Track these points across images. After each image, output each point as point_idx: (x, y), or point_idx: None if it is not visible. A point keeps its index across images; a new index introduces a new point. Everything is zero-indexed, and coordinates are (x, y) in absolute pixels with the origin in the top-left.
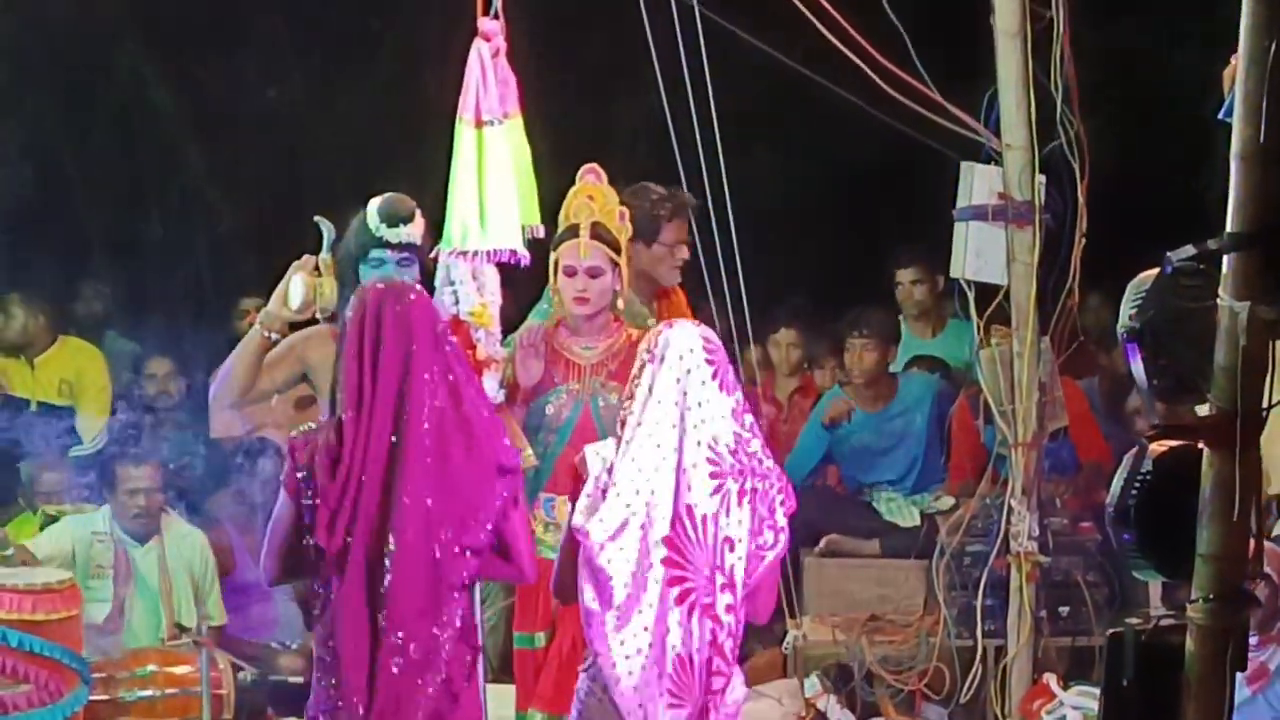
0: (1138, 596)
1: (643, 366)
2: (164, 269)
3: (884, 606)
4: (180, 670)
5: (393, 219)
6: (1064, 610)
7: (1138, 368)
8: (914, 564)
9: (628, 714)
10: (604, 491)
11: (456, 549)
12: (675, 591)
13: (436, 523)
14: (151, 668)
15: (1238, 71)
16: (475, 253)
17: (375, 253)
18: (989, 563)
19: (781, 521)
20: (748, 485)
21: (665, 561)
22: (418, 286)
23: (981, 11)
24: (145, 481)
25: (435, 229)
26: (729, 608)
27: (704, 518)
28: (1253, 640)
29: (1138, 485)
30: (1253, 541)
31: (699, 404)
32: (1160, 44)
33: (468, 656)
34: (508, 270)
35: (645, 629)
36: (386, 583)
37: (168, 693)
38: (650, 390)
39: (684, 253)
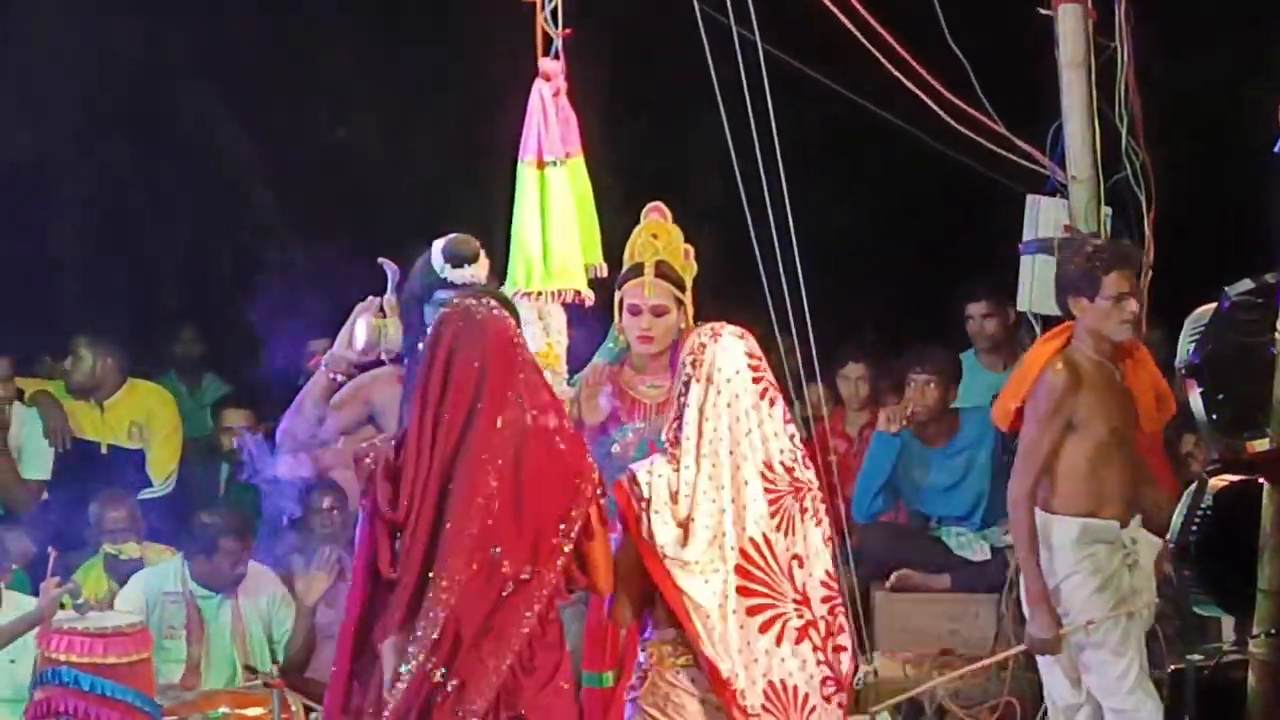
0: (1209, 629)
1: (688, 383)
2: (235, 308)
3: (955, 641)
4: (252, 712)
5: (457, 260)
6: None
7: (1196, 402)
8: (984, 598)
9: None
10: (680, 518)
11: (526, 569)
12: (759, 620)
13: (499, 548)
14: (224, 710)
15: None
16: (540, 294)
17: (440, 294)
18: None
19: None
20: (807, 502)
21: (741, 591)
22: (494, 304)
23: (1046, 44)
24: (220, 523)
25: (501, 270)
26: (809, 623)
27: (765, 539)
28: None
29: (1198, 521)
30: None
31: (751, 428)
32: (1226, 75)
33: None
34: (574, 309)
35: (734, 659)
36: (436, 624)
37: None
38: (701, 413)
39: (1132, 306)
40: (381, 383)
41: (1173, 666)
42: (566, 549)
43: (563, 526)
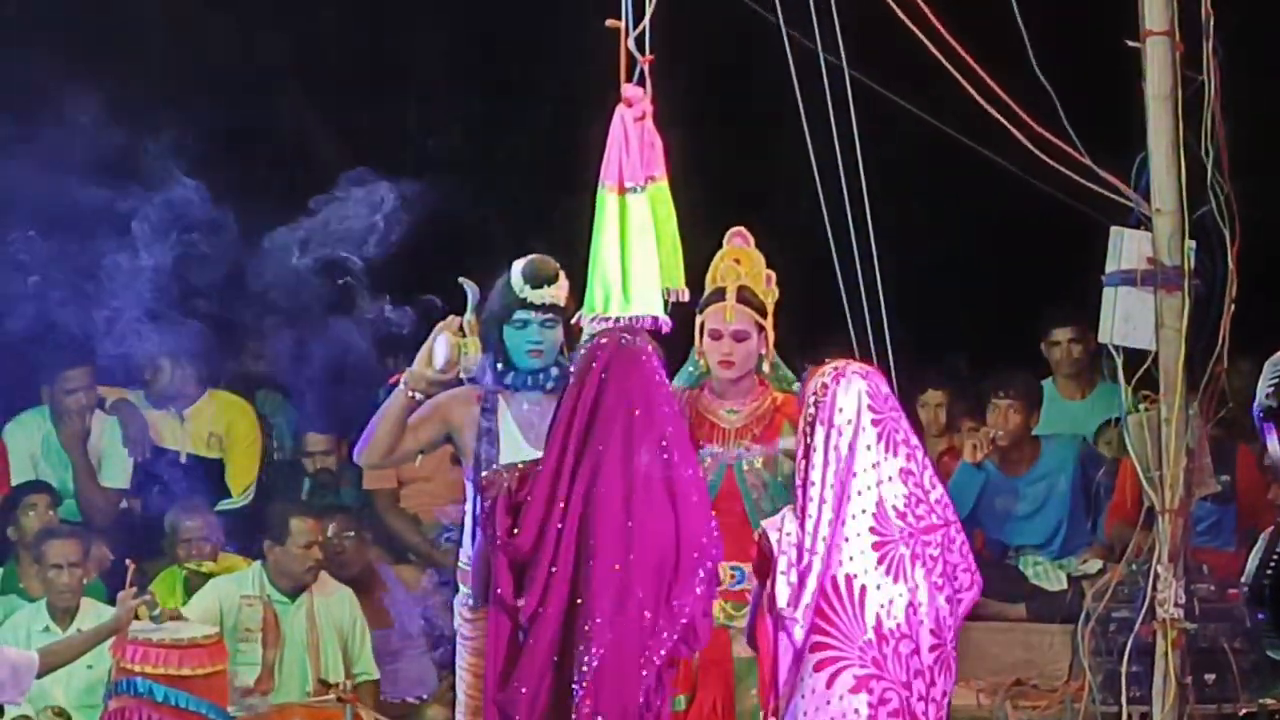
0: None
1: (812, 424)
2: (316, 326)
3: (1029, 671)
4: None
5: (537, 280)
6: (1210, 678)
7: (1274, 445)
8: (1059, 629)
9: None
10: (800, 579)
11: (657, 627)
12: (815, 659)
13: (634, 598)
14: None
15: None
16: (618, 318)
17: (519, 314)
18: (1135, 629)
19: (973, 564)
20: (932, 549)
21: (813, 628)
22: (651, 347)
23: (1132, 75)
24: (306, 529)
25: (580, 293)
26: (874, 677)
27: (862, 589)
28: None
29: (1274, 564)
30: None
31: (863, 470)
32: None
33: None
34: (653, 335)
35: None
36: (589, 663)
37: None
38: (825, 458)
39: None
40: (459, 401)
41: (1245, 711)
42: (683, 606)
43: (687, 586)
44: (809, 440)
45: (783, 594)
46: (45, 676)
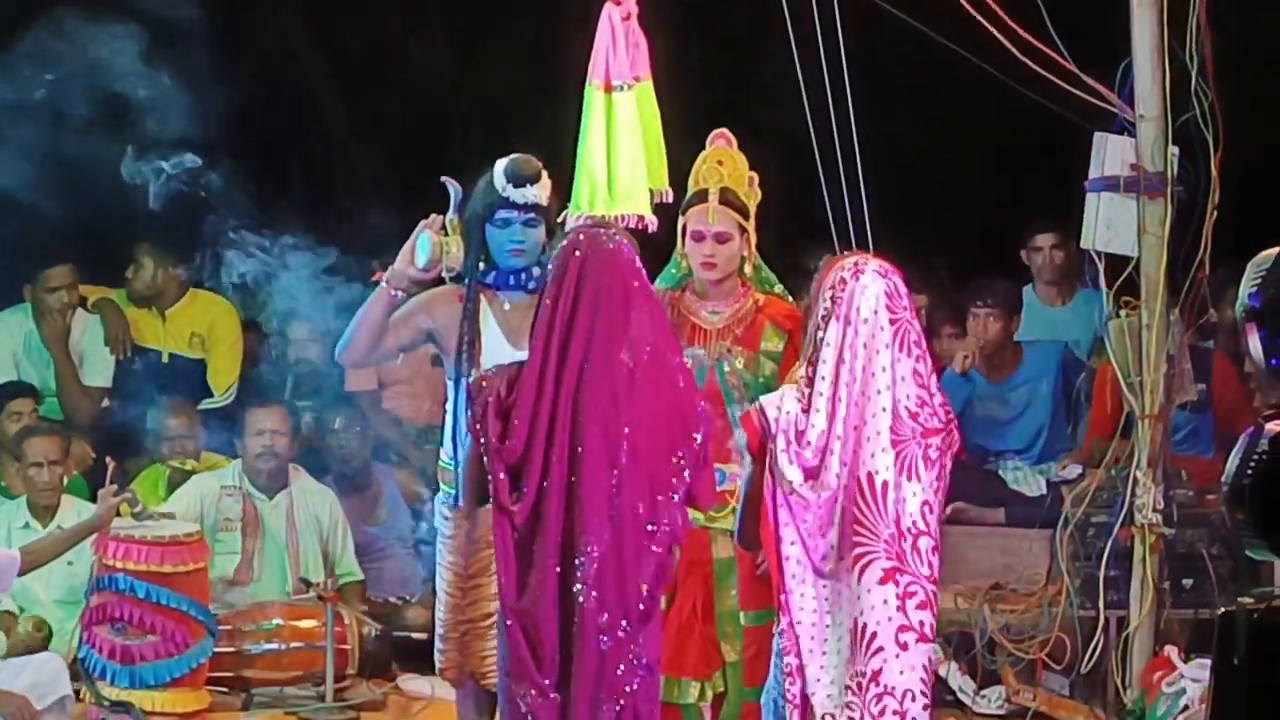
0: (1264, 570)
1: (828, 318)
2: (305, 225)
3: (1007, 575)
4: (305, 624)
5: (519, 179)
6: (1187, 583)
7: (1255, 347)
8: (1038, 533)
9: (804, 660)
10: (801, 449)
11: (650, 520)
12: (852, 554)
13: (628, 492)
14: (277, 621)
15: None
16: (603, 217)
17: (501, 213)
18: (1113, 534)
19: (947, 470)
20: (933, 450)
21: (849, 529)
22: (624, 238)
23: None
24: (273, 424)
25: (566, 192)
26: (897, 569)
27: (884, 485)
28: None
29: (1253, 464)
30: None
31: (883, 369)
32: None
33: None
34: (637, 235)
35: (825, 596)
36: (591, 558)
37: (292, 646)
38: (840, 354)
39: None
40: (441, 300)
41: (1224, 608)
42: (679, 488)
43: (680, 462)
44: (822, 333)
45: (793, 473)
46: (27, 574)
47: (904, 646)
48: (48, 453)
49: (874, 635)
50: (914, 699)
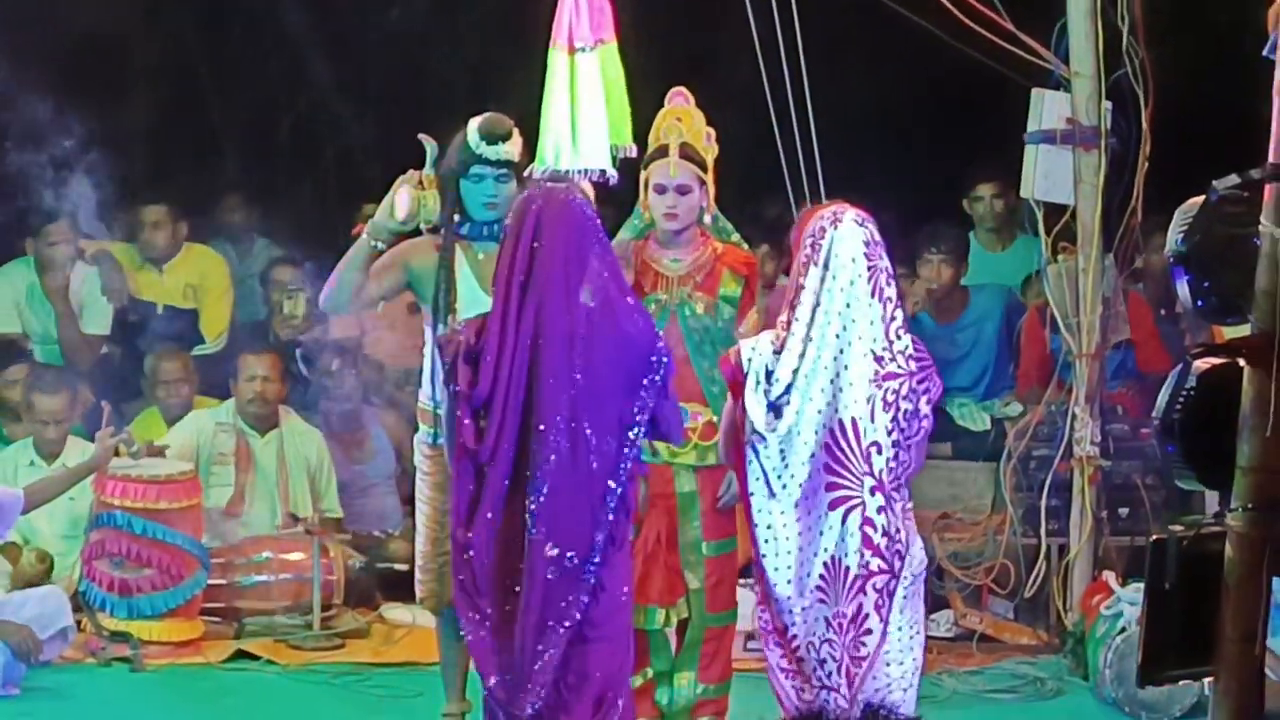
0: (1191, 502)
1: (806, 264)
2: (292, 179)
3: (954, 506)
4: (294, 557)
5: (491, 137)
6: (1123, 512)
7: (1183, 290)
8: (983, 466)
9: (772, 589)
10: (769, 386)
11: (604, 450)
12: (830, 498)
13: (580, 427)
14: (267, 554)
15: None
16: (567, 171)
17: (475, 168)
18: (1054, 466)
19: (925, 409)
20: (889, 393)
21: (825, 469)
22: (577, 191)
23: None
24: (264, 369)
25: (534, 148)
26: (880, 509)
27: (854, 422)
28: None
29: (1182, 400)
30: None
31: (857, 317)
32: None
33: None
34: (600, 188)
35: (789, 530)
36: (541, 494)
37: (281, 578)
38: (817, 299)
39: None
40: (419, 250)
41: (1155, 536)
42: (641, 419)
43: (640, 397)
44: (801, 280)
45: (757, 415)
46: (31, 511)
47: (861, 586)
48: (55, 413)
49: (851, 574)
50: (867, 630)
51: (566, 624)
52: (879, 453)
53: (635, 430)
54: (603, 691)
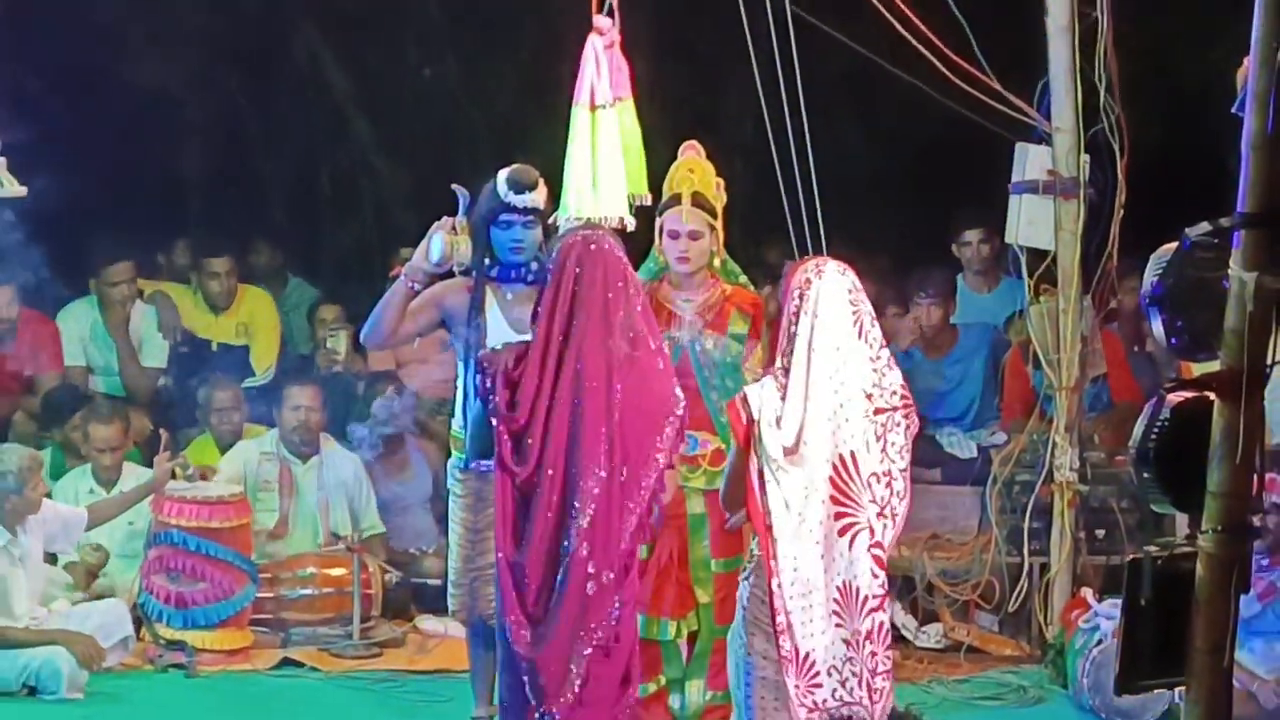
0: (1167, 522)
1: (798, 314)
2: (334, 225)
3: (943, 527)
4: (335, 572)
5: (519, 187)
6: (1100, 533)
7: (1158, 329)
8: (970, 490)
9: (791, 618)
10: (779, 431)
11: (634, 484)
12: (839, 525)
13: (617, 460)
14: (311, 570)
15: (1249, 72)
16: (590, 219)
17: (504, 215)
18: (1035, 490)
19: (906, 443)
20: (879, 427)
21: (831, 499)
22: (611, 238)
23: (1035, 9)
24: (307, 400)
25: (558, 197)
26: (885, 530)
27: (852, 454)
28: (1265, 562)
29: (1156, 430)
30: (1255, 481)
31: (848, 360)
32: (1193, 41)
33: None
34: (618, 233)
35: (811, 560)
36: (586, 516)
37: (324, 591)
38: (810, 345)
39: None
40: (452, 291)
41: (1131, 556)
42: (664, 455)
43: (664, 434)
44: (794, 328)
45: (775, 450)
46: (92, 530)
47: (880, 604)
48: (110, 440)
49: (864, 598)
50: (887, 645)
51: (599, 634)
52: (878, 481)
53: (659, 464)
54: (613, 698)
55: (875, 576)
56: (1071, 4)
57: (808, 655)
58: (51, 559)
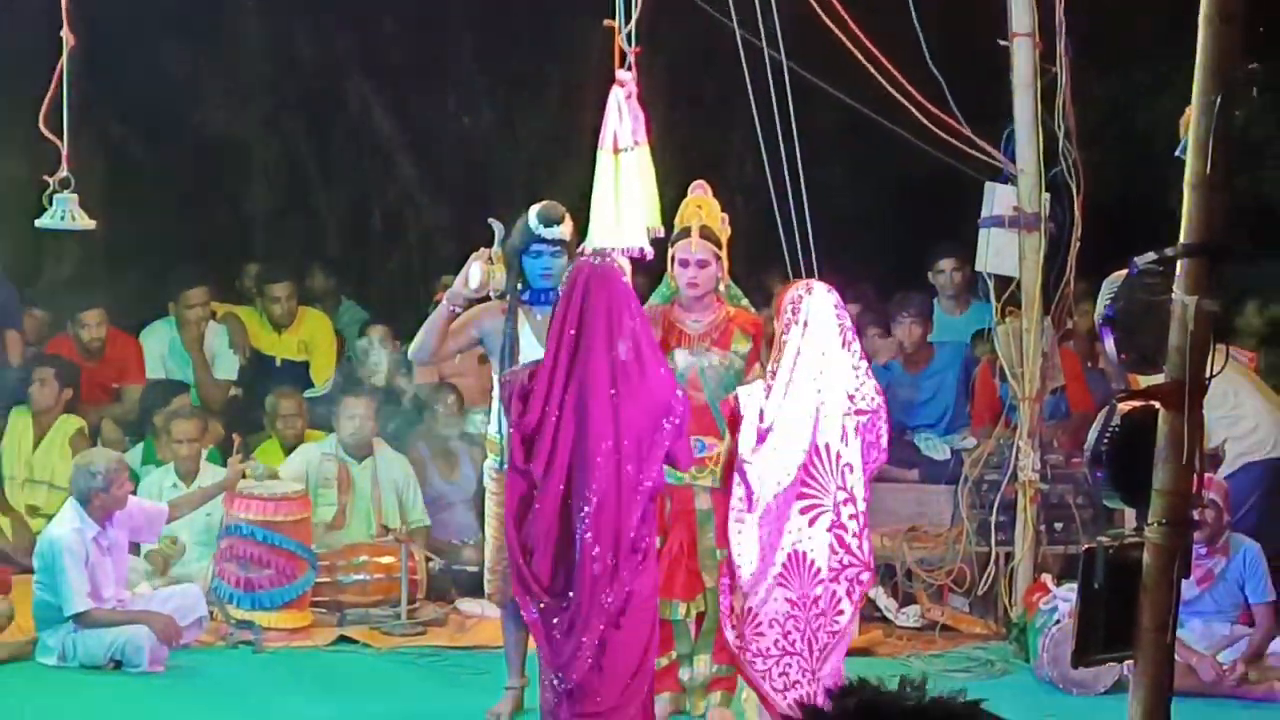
0: (1117, 516)
1: (789, 325)
2: (382, 255)
3: (920, 520)
4: (385, 560)
5: (548, 220)
6: (1058, 526)
7: (1110, 346)
8: (944, 488)
9: (744, 583)
10: (759, 423)
11: (638, 477)
12: (800, 505)
13: (621, 456)
14: (364, 558)
15: (1191, 120)
16: (612, 248)
17: (534, 246)
18: (1001, 489)
19: (884, 443)
20: (857, 425)
21: (799, 483)
22: (615, 264)
23: (1002, 67)
24: (361, 410)
25: (583, 229)
26: (852, 516)
27: (826, 447)
28: (1203, 551)
29: (1109, 435)
30: (1195, 480)
31: (832, 364)
32: (1142, 94)
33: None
34: (636, 262)
35: (768, 530)
36: (591, 505)
37: (375, 577)
38: (798, 351)
39: None
40: (488, 314)
41: (1086, 546)
42: (663, 451)
43: (663, 432)
44: (785, 337)
45: (746, 446)
46: (172, 522)
47: (835, 576)
48: (188, 433)
49: (817, 569)
50: (838, 609)
51: (605, 611)
52: (850, 472)
53: (659, 458)
54: (631, 668)
55: (835, 553)
56: (1034, 61)
57: (751, 610)
58: (135, 549)
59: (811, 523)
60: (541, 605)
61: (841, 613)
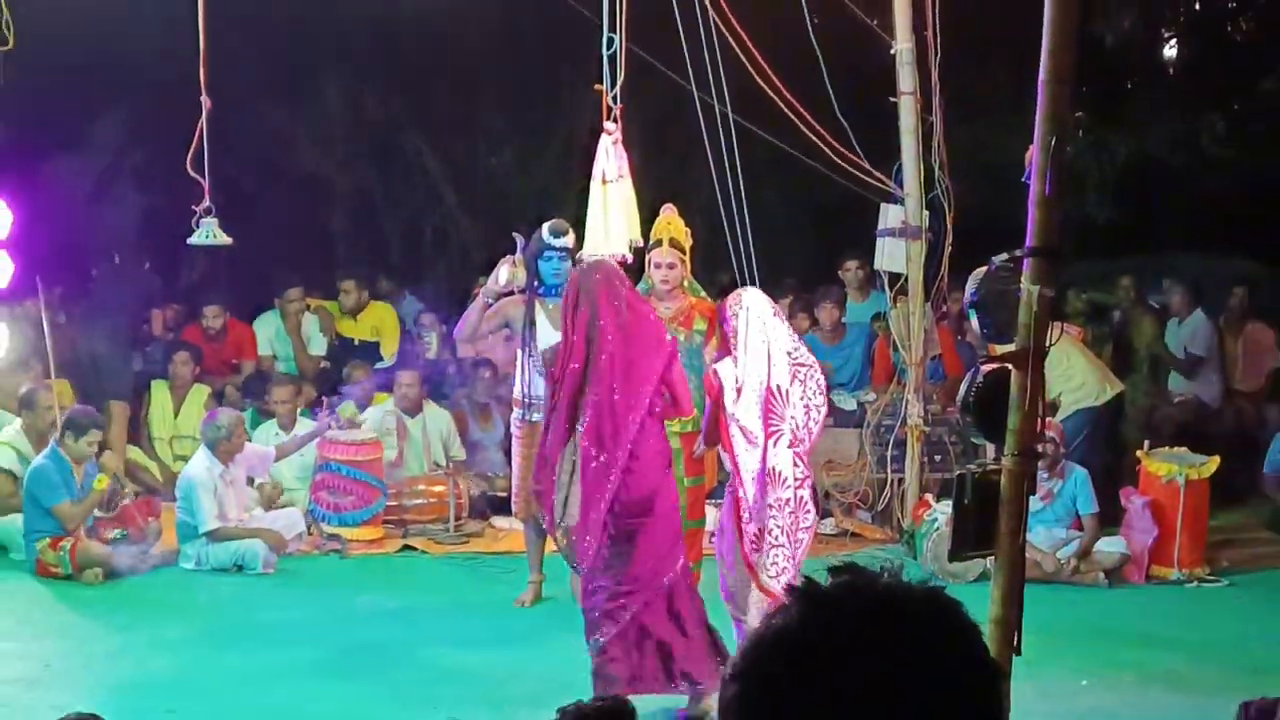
0: (981, 450)
1: (735, 314)
2: (432, 261)
3: (835, 456)
4: (437, 489)
5: (556, 233)
6: (938, 458)
7: (975, 324)
8: (853, 431)
9: (751, 505)
10: (738, 391)
11: (636, 404)
12: (768, 430)
13: (614, 385)
14: (421, 487)
15: (1034, 155)
16: (602, 255)
17: (547, 252)
18: (895, 431)
19: (819, 388)
20: (799, 373)
21: (765, 415)
22: (608, 261)
23: (893, 117)
24: (408, 380)
25: (581, 239)
26: (799, 439)
27: (778, 387)
28: (1044, 475)
29: (974, 390)
30: (1039, 422)
31: (773, 334)
32: (1000, 134)
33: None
34: (620, 265)
35: (758, 458)
36: (585, 418)
37: (430, 501)
38: (747, 324)
39: None
40: (513, 305)
41: (958, 472)
42: (655, 378)
43: (654, 366)
44: (735, 323)
45: (729, 401)
46: (279, 461)
47: (800, 484)
48: (282, 398)
49: (785, 478)
50: (805, 510)
51: (604, 501)
52: (799, 410)
53: (656, 375)
54: (657, 554)
55: (796, 465)
56: (915, 113)
57: (747, 515)
58: (250, 482)
59: (776, 443)
60: (540, 499)
61: (809, 511)
